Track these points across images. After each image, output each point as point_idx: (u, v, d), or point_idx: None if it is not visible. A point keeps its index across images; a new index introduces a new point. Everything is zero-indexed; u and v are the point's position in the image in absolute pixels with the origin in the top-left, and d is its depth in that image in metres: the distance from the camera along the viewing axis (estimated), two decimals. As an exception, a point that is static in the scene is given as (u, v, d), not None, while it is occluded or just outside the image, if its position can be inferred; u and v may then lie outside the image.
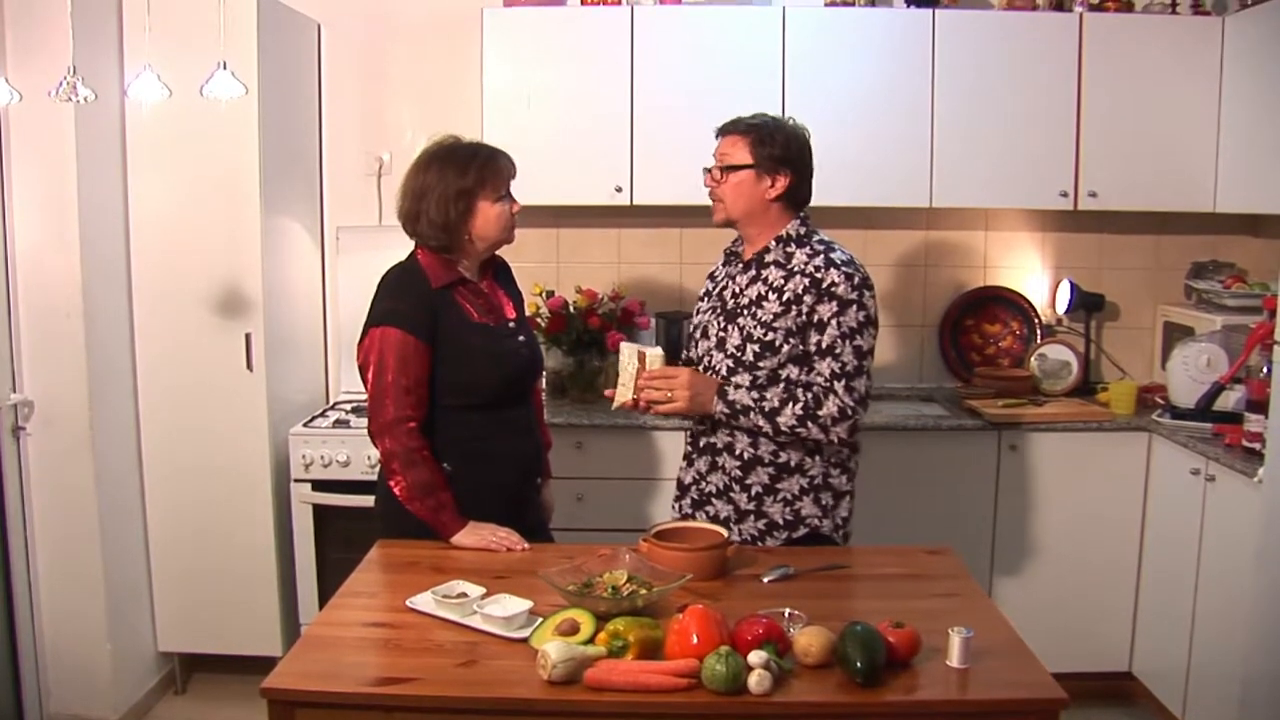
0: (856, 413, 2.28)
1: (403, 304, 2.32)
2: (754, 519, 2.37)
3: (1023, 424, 3.45)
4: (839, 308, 2.26)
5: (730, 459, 2.39)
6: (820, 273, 2.29)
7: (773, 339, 2.30)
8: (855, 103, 3.55)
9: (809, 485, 2.36)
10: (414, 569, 2.21)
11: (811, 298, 2.28)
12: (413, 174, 2.39)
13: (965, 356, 4.02)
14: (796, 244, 2.35)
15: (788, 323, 2.29)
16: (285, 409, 3.61)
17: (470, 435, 2.37)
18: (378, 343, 2.30)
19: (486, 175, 2.34)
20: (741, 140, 2.34)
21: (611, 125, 3.57)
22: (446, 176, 2.33)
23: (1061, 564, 3.48)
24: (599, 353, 3.69)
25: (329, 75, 3.97)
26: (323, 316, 4.04)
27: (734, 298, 2.40)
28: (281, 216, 3.63)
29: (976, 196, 3.64)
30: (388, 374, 2.29)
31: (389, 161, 3.97)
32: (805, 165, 2.38)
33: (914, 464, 3.44)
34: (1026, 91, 3.56)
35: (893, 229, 3.98)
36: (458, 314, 2.36)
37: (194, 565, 3.52)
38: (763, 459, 2.36)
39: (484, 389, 2.37)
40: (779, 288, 2.32)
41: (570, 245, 4.04)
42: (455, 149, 2.38)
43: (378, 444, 2.33)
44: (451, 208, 2.32)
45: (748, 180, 2.34)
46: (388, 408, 2.29)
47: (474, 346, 2.35)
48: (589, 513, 3.44)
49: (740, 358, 2.34)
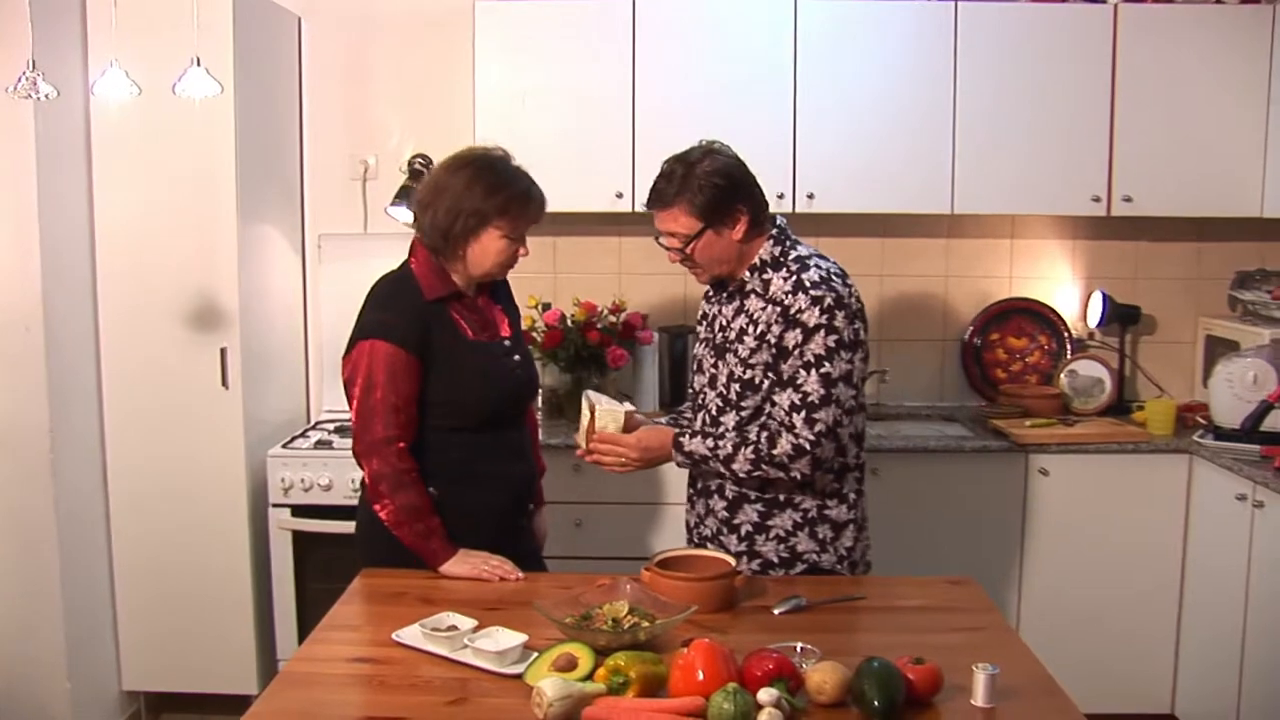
0: (817, 446, 2.24)
1: (394, 316, 2.32)
2: (747, 560, 2.37)
3: (1052, 446, 3.45)
4: (804, 335, 2.24)
5: (719, 500, 2.40)
6: (788, 298, 2.27)
7: (752, 376, 2.31)
8: (871, 101, 3.57)
9: (803, 520, 2.36)
10: (401, 600, 2.21)
11: (779, 327, 2.27)
12: (444, 169, 2.39)
13: (989, 373, 4.02)
14: (772, 268, 2.33)
15: (763, 356, 2.29)
16: (263, 429, 3.62)
17: (459, 458, 2.37)
18: (366, 356, 2.30)
19: (511, 209, 2.34)
20: (675, 210, 2.28)
21: (612, 126, 3.59)
22: (473, 189, 2.32)
23: (1095, 596, 3.48)
24: (598, 369, 3.70)
25: (310, 73, 3.99)
26: (303, 330, 4.05)
27: (722, 331, 2.41)
28: (259, 223, 3.64)
29: (1001, 202, 3.66)
30: (376, 390, 2.29)
31: (374, 165, 3.99)
32: (751, 186, 2.32)
33: (935, 488, 3.45)
34: (1056, 88, 3.57)
35: (911, 237, 3.99)
36: (451, 329, 2.36)
37: (162, 597, 3.52)
38: (749, 496, 2.36)
39: (476, 410, 2.38)
40: (756, 319, 2.31)
41: (568, 254, 4.05)
42: (496, 165, 2.37)
43: (364, 465, 2.33)
44: (460, 221, 2.32)
45: (709, 242, 2.29)
46: (376, 426, 2.29)
47: (467, 365, 2.36)
48: (587, 540, 3.44)
49: (728, 396, 2.35)
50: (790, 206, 3.56)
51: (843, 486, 2.39)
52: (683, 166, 2.29)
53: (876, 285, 3.96)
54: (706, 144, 2.33)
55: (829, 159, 3.58)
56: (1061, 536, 3.46)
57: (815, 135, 3.58)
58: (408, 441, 2.32)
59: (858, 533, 2.42)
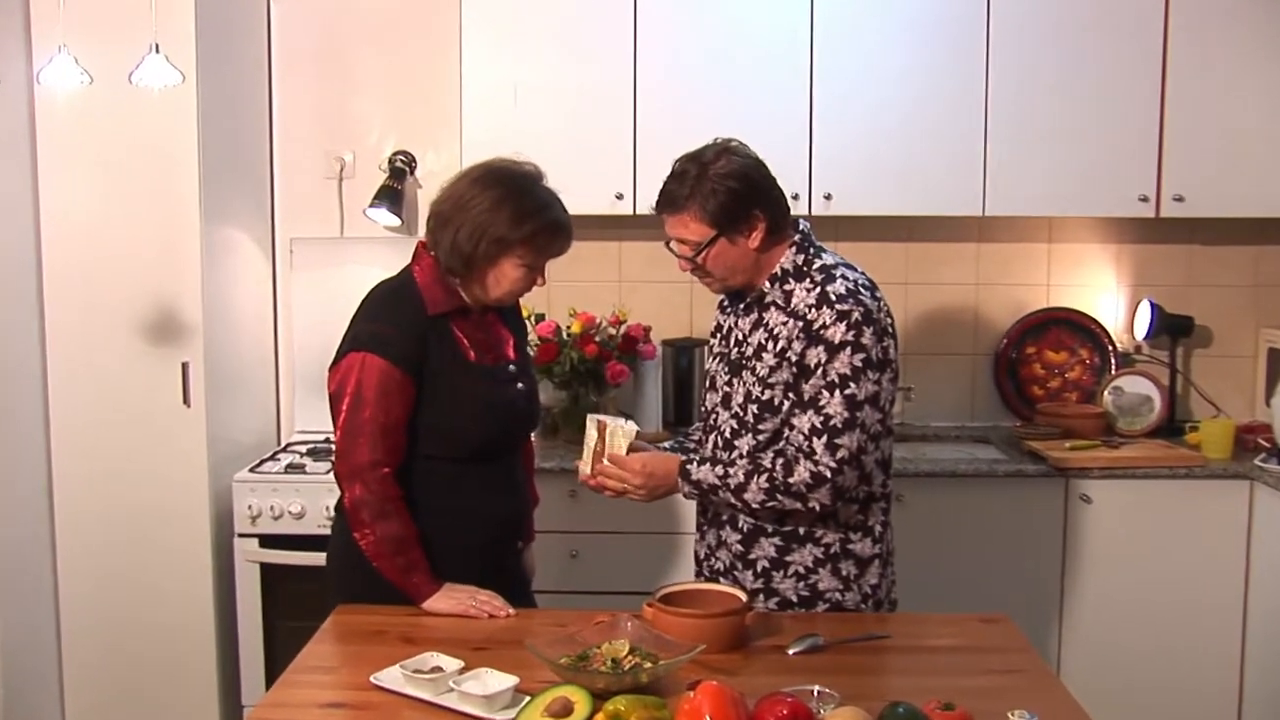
0: (839, 474, 2.23)
1: (391, 328, 2.33)
2: (763, 598, 2.37)
3: (1095, 470, 3.45)
4: (828, 353, 2.23)
5: (732, 532, 2.40)
6: (812, 312, 2.26)
7: (771, 397, 2.30)
8: (895, 92, 3.58)
9: (824, 555, 2.35)
10: (380, 639, 2.21)
11: (801, 343, 2.26)
12: (470, 181, 2.38)
13: (1025, 390, 4.02)
14: (795, 278, 2.33)
15: (783, 375, 2.28)
16: (228, 451, 3.62)
17: (445, 490, 2.38)
18: (357, 370, 2.30)
19: (537, 242, 2.35)
20: (686, 215, 2.28)
21: (612, 121, 3.60)
22: (500, 212, 2.32)
23: (1145, 637, 3.47)
24: (596, 386, 3.70)
25: (281, 61, 4.00)
26: (273, 343, 4.05)
27: (737, 346, 2.40)
28: (225, 226, 3.65)
29: (1038, 202, 3.66)
30: (365, 409, 2.29)
31: (351, 163, 4.00)
32: (769, 190, 2.32)
33: (965, 517, 3.45)
34: (1099, 76, 3.58)
35: (938, 241, 3.99)
36: (452, 349, 2.37)
37: (114, 638, 3.51)
38: (766, 529, 2.36)
39: (470, 441, 2.38)
40: (777, 335, 2.31)
41: (563, 261, 3.97)
42: (529, 188, 2.37)
43: (345, 490, 2.34)
44: (481, 244, 2.31)
45: (722, 250, 2.29)
46: (362, 448, 2.30)
47: (465, 390, 2.36)
48: (584, 572, 3.44)
49: (743, 418, 2.34)
50: (806, 208, 3.57)
51: (868, 518, 2.38)
52: (695, 167, 2.28)
53: (901, 294, 3.96)
54: (722, 142, 2.33)
55: (848, 156, 3.58)
56: (1106, 570, 3.46)
57: (833, 130, 3.58)
58: (394, 467, 2.32)
59: (883, 569, 2.42)
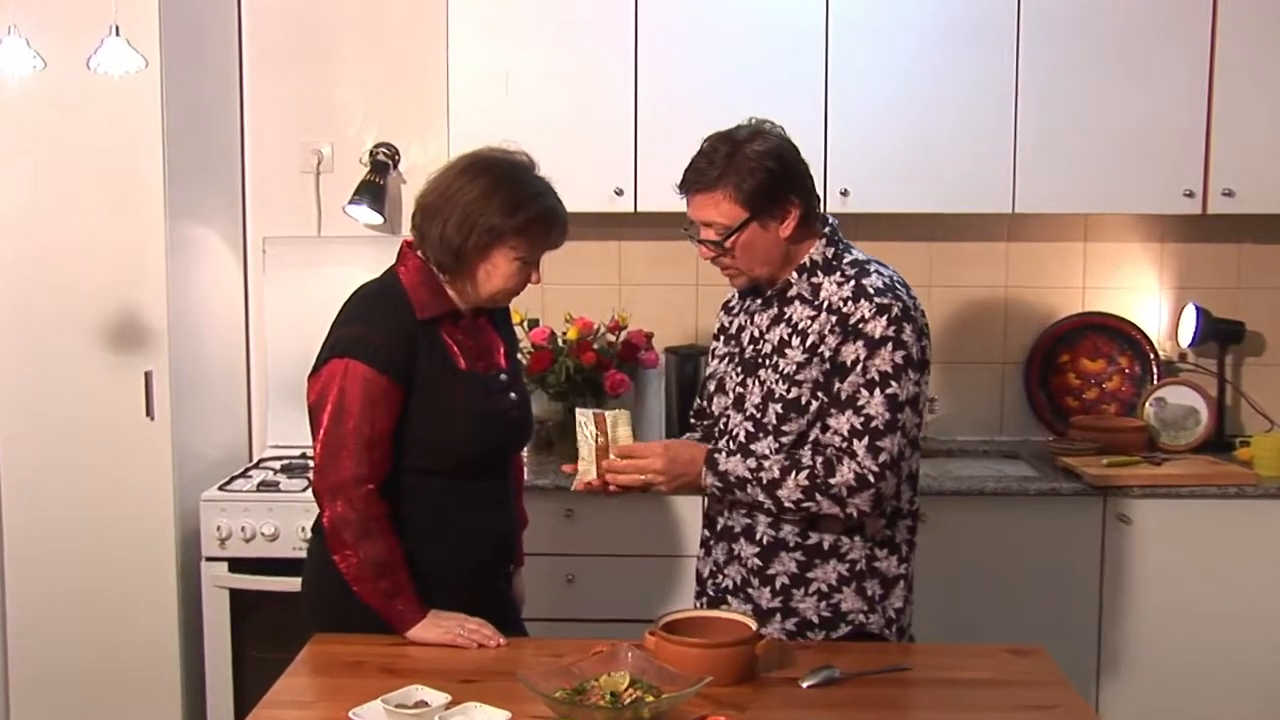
0: (881, 479, 2.25)
1: (377, 333, 2.33)
2: (780, 618, 2.37)
3: (1135, 489, 3.44)
4: (867, 349, 2.26)
5: (748, 545, 2.40)
6: (848, 305, 2.29)
7: (798, 395, 2.31)
8: (916, 80, 3.58)
9: (849, 572, 2.36)
10: (360, 670, 2.20)
11: (836, 338, 2.28)
12: (457, 172, 2.40)
13: (1059, 402, 4.02)
14: (824, 271, 2.36)
15: (813, 373, 2.30)
16: (195, 467, 3.62)
17: (433, 507, 2.39)
18: (339, 379, 2.30)
19: (532, 231, 2.37)
20: (718, 194, 2.30)
21: (611, 112, 3.60)
22: (491, 201, 2.34)
23: (1189, 669, 3.46)
24: (594, 398, 3.69)
25: (253, 46, 4.00)
26: (244, 350, 4.05)
27: (753, 344, 2.42)
28: (192, 223, 3.65)
29: (1073, 198, 3.65)
30: (348, 419, 2.29)
31: (330, 156, 4.01)
32: (805, 176, 2.36)
33: (993, 539, 3.44)
34: (1141, 62, 3.57)
35: (965, 241, 4.00)
36: (441, 355, 2.38)
37: (68, 671, 3.50)
38: (787, 543, 2.36)
39: (459, 454, 2.39)
40: (804, 330, 2.33)
41: (559, 262, 3.94)
42: (519, 176, 2.40)
43: (326, 508, 2.33)
44: (472, 236, 2.34)
45: (753, 236, 2.31)
46: (344, 463, 2.30)
47: (455, 400, 2.37)
48: (581, 598, 3.44)
49: (761, 420, 2.35)
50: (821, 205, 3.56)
51: (895, 534, 2.39)
52: (728, 145, 2.30)
53: (924, 298, 3.77)
54: (756, 122, 2.35)
55: (866, 149, 3.58)
56: (1148, 597, 3.45)
57: (850, 120, 3.58)
58: (378, 483, 2.32)
59: (908, 592, 2.42)
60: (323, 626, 2.39)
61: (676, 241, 3.93)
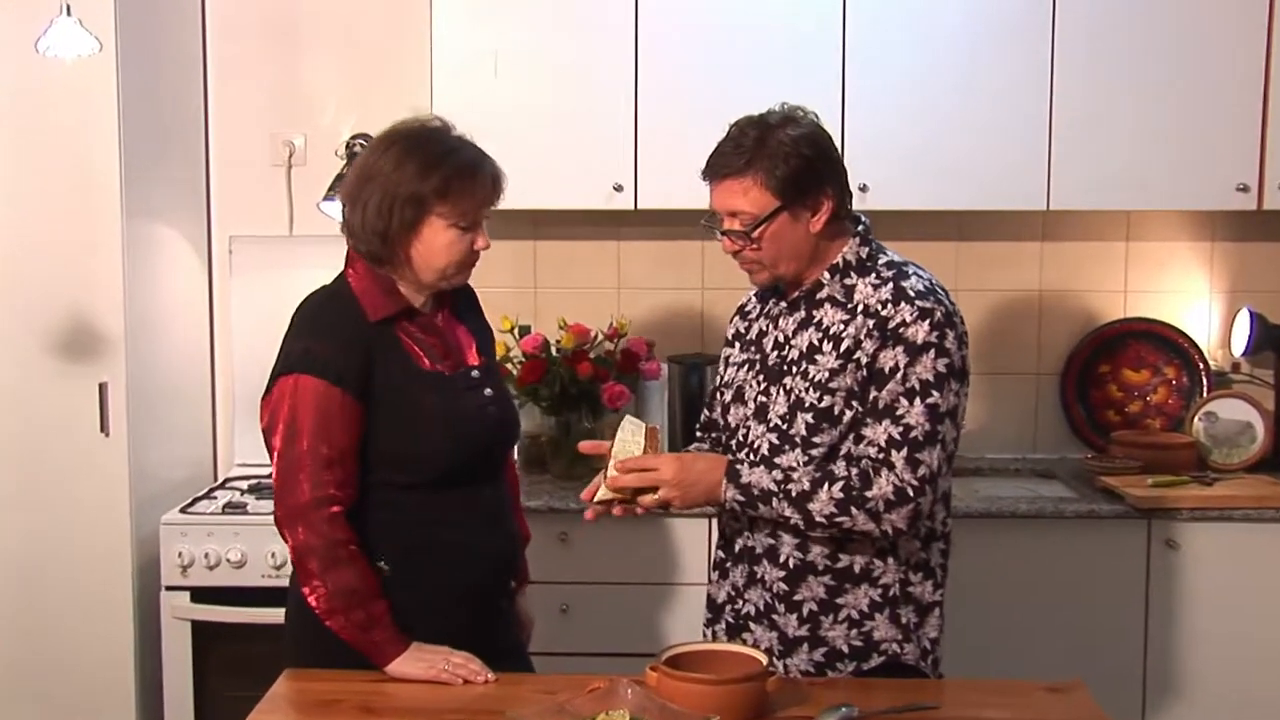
0: (920, 494, 2.26)
1: (326, 344, 2.34)
2: (808, 648, 2.37)
3: (1183, 511, 3.42)
4: (908, 355, 2.27)
5: (772, 568, 2.40)
6: (886, 309, 2.31)
7: (830, 405, 2.32)
8: (942, 65, 3.59)
9: (882, 598, 2.36)
10: (335, 709, 2.20)
11: (873, 343, 2.30)
12: (372, 149, 2.44)
13: (1098, 416, 4.03)
14: (858, 271, 2.38)
15: (847, 380, 2.31)
16: (155, 488, 3.62)
17: (417, 524, 2.39)
18: (289, 397, 2.32)
19: (453, 189, 2.36)
20: (748, 180, 2.31)
21: (609, 100, 3.60)
22: (404, 170, 2.35)
23: (1242, 707, 3.44)
24: (591, 411, 3.70)
25: (218, 27, 4.01)
26: (209, 360, 4.06)
27: (777, 349, 2.43)
28: (152, 221, 3.66)
29: (1114, 193, 3.65)
30: (302, 440, 2.30)
31: (302, 148, 4.01)
32: (839, 166, 2.39)
33: (1027, 566, 3.44)
34: (1189, 43, 3.56)
35: (994, 240, 4.01)
36: (401, 359, 2.38)
37: (15, 713, 3.48)
38: (815, 566, 2.36)
39: (436, 462, 2.40)
40: (836, 334, 2.34)
41: (553, 263, 4.06)
42: (429, 137, 2.41)
43: (287, 536, 2.34)
44: (395, 214, 2.35)
45: (782, 227, 2.33)
46: (301, 486, 2.30)
47: (423, 403, 2.38)
48: (577, 630, 3.44)
49: (787, 431, 2.35)
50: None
51: (929, 558, 2.40)
52: (758, 129, 2.31)
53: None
54: (788, 107, 2.37)
55: (887, 141, 3.59)
56: (1197, 629, 3.44)
57: (870, 110, 3.58)
58: (345, 505, 2.32)
59: (941, 621, 2.42)
60: (305, 661, 2.38)
61: (680, 241, 3.99)
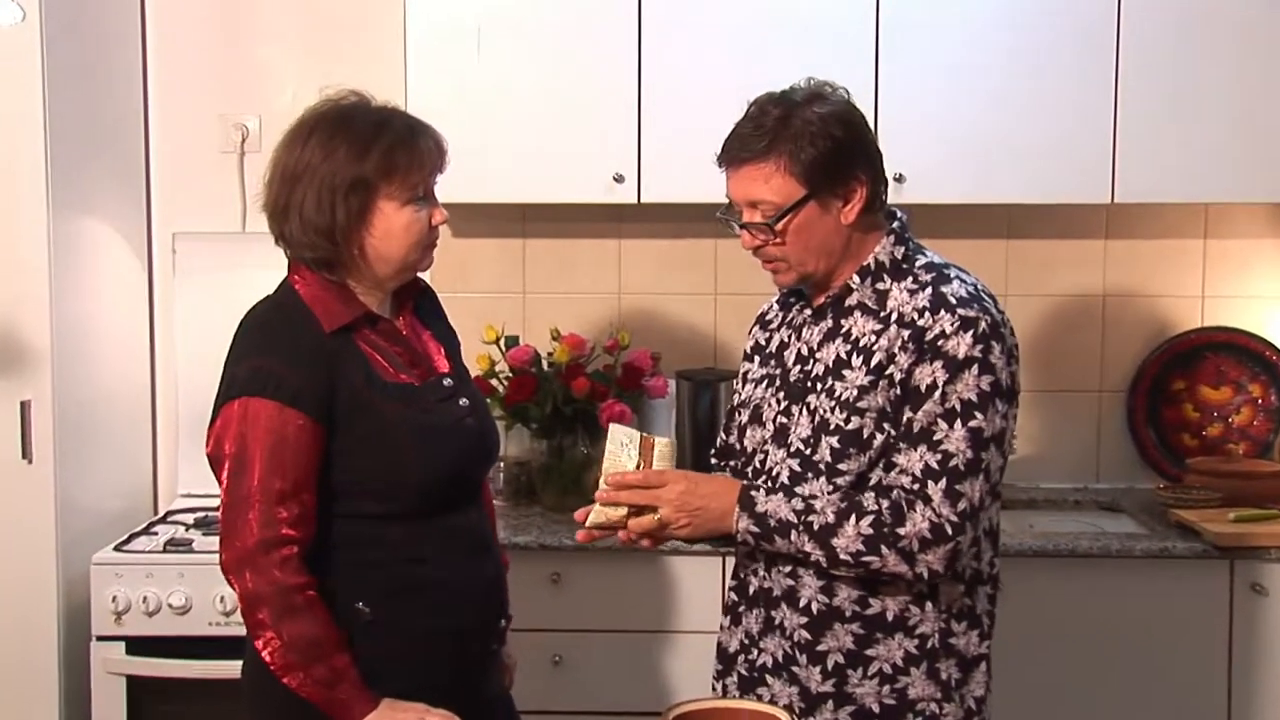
0: (960, 532, 2.25)
1: (277, 361, 2.33)
2: (833, 706, 2.36)
3: (1273, 550, 3.43)
4: (948, 371, 2.26)
5: (793, 614, 2.39)
6: (924, 318, 2.29)
7: (859, 427, 2.31)
8: (991, 41, 3.59)
9: (919, 650, 2.35)
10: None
11: (908, 357, 2.29)
12: (286, 147, 2.41)
13: (1171, 440, 4.03)
14: (891, 275, 2.37)
15: (878, 399, 2.30)
16: (86, 522, 3.60)
17: (392, 558, 2.39)
18: (235, 424, 2.31)
19: (397, 162, 2.37)
20: (770, 165, 2.29)
21: (608, 78, 3.62)
22: (335, 156, 2.35)
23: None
24: (588, 434, 3.71)
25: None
26: (149, 375, 4.07)
27: (800, 364, 2.42)
28: (83, 216, 3.65)
29: (1189, 184, 3.65)
30: (250, 473, 2.29)
31: (256, 132, 4.01)
32: (873, 148, 2.38)
33: (1090, 613, 3.44)
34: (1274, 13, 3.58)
35: (1051, 238, 4.03)
36: (365, 372, 2.38)
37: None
38: (842, 612, 2.35)
39: (412, 486, 2.39)
40: (866, 346, 2.34)
41: (544, 265, 4.07)
42: (354, 115, 2.41)
43: (234, 582, 2.32)
44: (339, 205, 2.34)
45: (809, 218, 2.31)
46: (249, 526, 2.29)
47: (391, 421, 2.37)
48: (571, 684, 3.45)
49: (810, 456, 2.35)
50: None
51: (974, 603, 2.39)
52: (781, 107, 2.30)
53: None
54: (815, 83, 2.36)
55: (928, 123, 3.61)
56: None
57: (906, 89, 3.60)
58: (302, 544, 2.31)
59: (988, 677, 2.42)
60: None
61: (690, 240, 4.01)
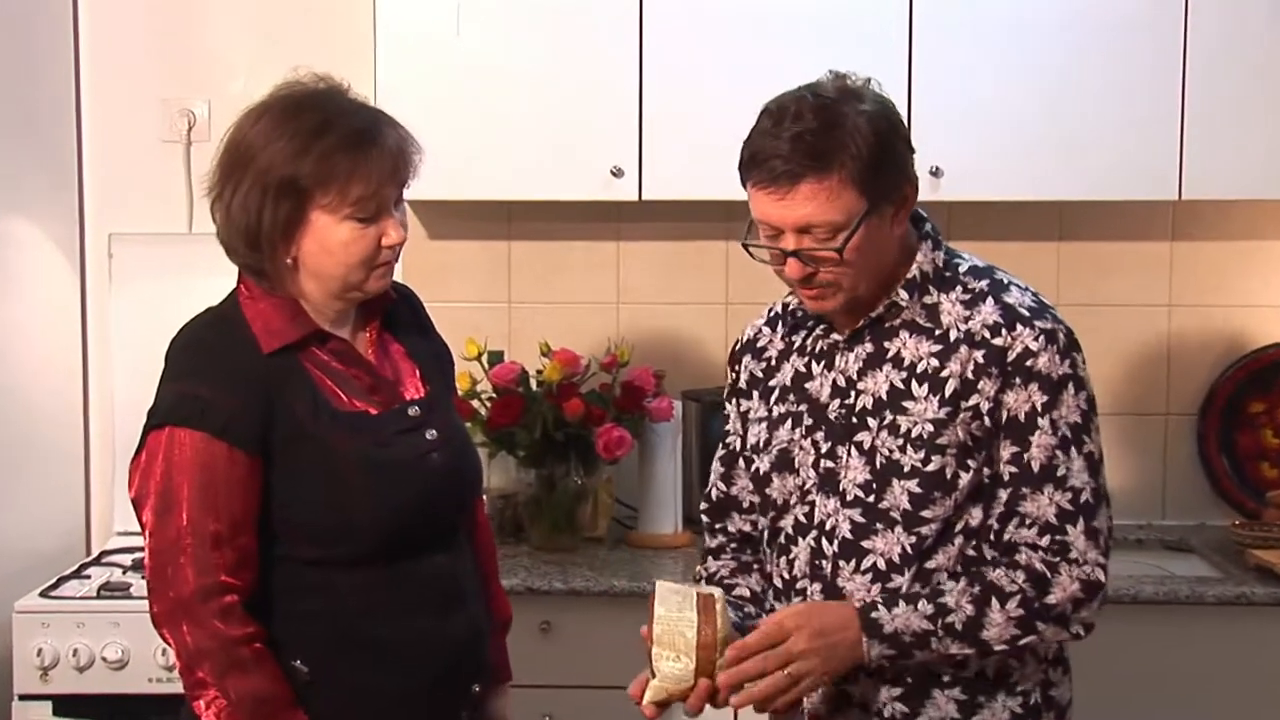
0: (1106, 573, 2.29)
1: (206, 385, 2.32)
2: None
3: (1366, 597, 3.43)
4: (1046, 394, 2.27)
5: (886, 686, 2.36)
6: (1000, 335, 2.29)
7: (940, 467, 2.30)
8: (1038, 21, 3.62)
9: (1023, 709, 2.38)
10: None
11: (993, 382, 2.28)
12: (238, 125, 2.38)
13: (1248, 471, 4.05)
14: (937, 285, 2.37)
15: (958, 433, 2.30)
16: (8, 564, 3.61)
17: (344, 612, 2.38)
18: (161, 458, 2.30)
19: (335, 170, 2.30)
20: (833, 181, 2.22)
21: (606, 65, 3.65)
22: (272, 148, 2.30)
23: None
24: (582, 463, 3.73)
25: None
26: (82, 395, 4.08)
27: (838, 397, 2.39)
28: (6, 216, 3.67)
29: (1266, 179, 3.67)
30: (180, 513, 2.28)
31: (205, 119, 4.01)
32: (910, 148, 2.35)
33: (1158, 663, 3.44)
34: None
35: (1109, 240, 4.06)
36: (310, 398, 2.37)
37: None
38: (942, 678, 2.35)
39: (364, 529, 2.37)
40: (928, 371, 2.32)
41: (533, 270, 4.08)
42: (308, 105, 2.36)
43: (169, 637, 2.31)
44: (267, 206, 2.30)
45: (871, 234, 2.26)
46: (183, 573, 2.27)
47: (340, 454, 2.36)
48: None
49: (876, 505, 2.33)
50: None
51: (1063, 648, 2.43)
52: (822, 111, 2.23)
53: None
54: (834, 77, 2.30)
55: (968, 113, 3.64)
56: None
57: (943, 74, 3.63)
58: (243, 593, 2.31)
59: None
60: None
61: (697, 241, 4.01)
